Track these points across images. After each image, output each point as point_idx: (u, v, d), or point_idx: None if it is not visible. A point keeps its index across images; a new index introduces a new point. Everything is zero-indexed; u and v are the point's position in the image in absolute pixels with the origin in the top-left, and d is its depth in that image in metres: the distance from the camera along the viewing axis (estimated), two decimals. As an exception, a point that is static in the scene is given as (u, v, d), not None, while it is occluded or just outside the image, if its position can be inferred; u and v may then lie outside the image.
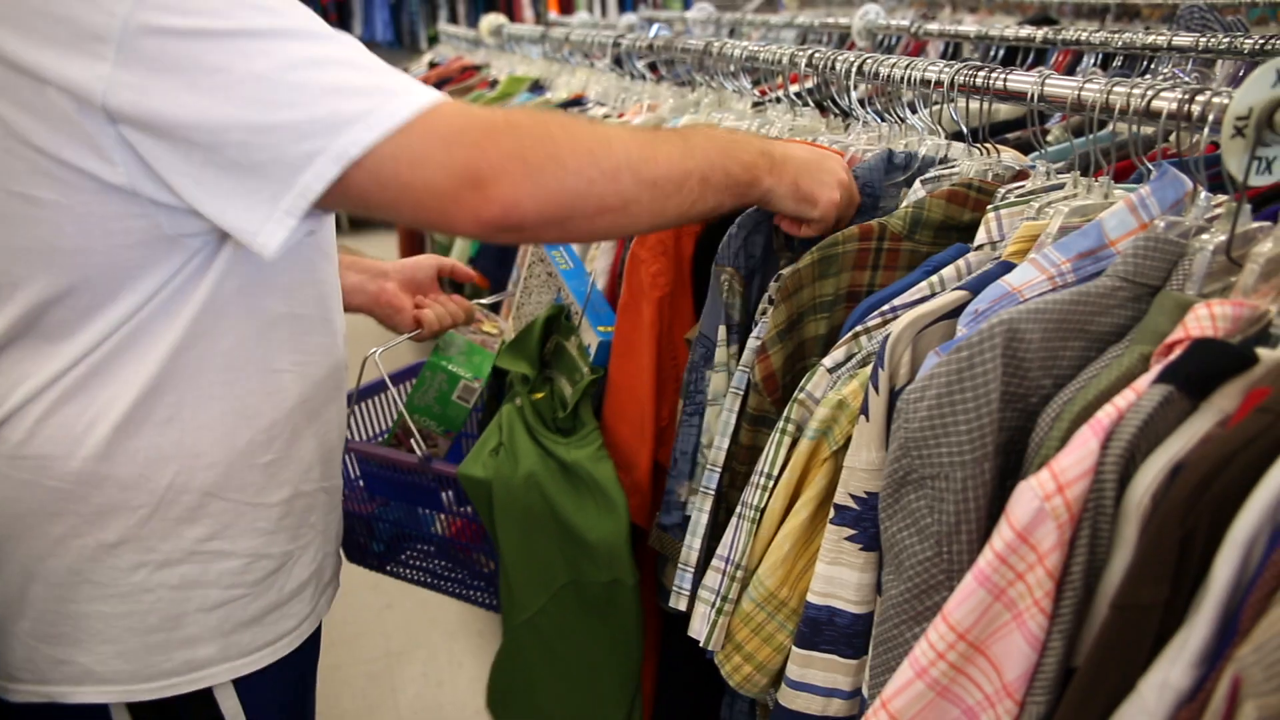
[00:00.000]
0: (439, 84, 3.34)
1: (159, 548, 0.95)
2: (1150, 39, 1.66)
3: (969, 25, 3.96)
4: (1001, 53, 2.01)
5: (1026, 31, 1.89)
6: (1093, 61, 1.83)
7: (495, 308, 1.43)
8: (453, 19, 6.71)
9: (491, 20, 3.38)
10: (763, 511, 0.97)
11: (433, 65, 4.14)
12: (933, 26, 2.19)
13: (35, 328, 0.88)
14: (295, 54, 0.80)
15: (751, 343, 1.02)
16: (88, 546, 0.93)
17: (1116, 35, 1.72)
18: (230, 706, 1.04)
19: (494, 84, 2.92)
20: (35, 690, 0.97)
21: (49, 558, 0.93)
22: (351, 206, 0.86)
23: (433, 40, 6.42)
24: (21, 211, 0.83)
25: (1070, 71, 1.95)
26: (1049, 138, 1.43)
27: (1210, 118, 0.81)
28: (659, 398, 1.23)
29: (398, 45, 6.69)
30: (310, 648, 1.13)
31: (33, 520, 0.92)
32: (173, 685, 0.99)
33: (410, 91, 0.82)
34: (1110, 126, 1.15)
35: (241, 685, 1.04)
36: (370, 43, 6.58)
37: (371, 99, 0.80)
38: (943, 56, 2.31)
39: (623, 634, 1.28)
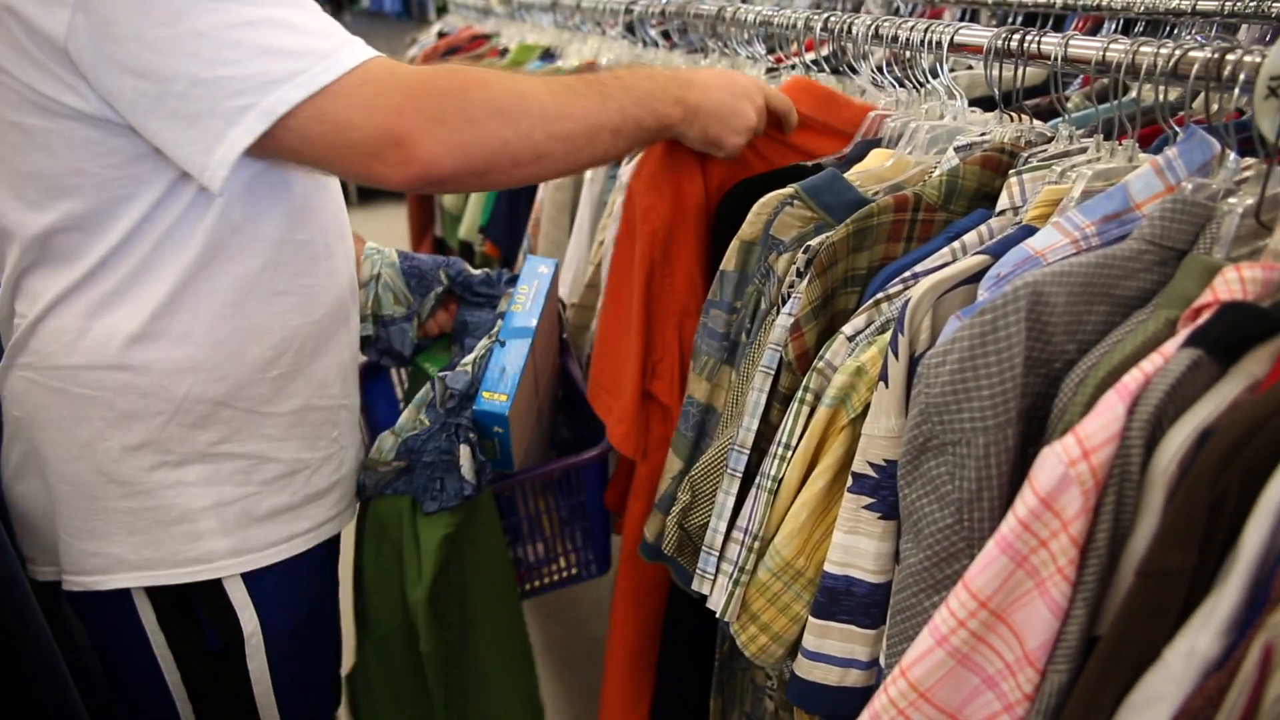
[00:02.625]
0: (448, 53, 3.31)
1: (176, 449, 1.05)
2: (1174, 3, 1.63)
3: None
4: (1019, 19, 1.98)
5: (1046, -3, 1.85)
6: (1114, 28, 1.79)
7: (514, 280, 1.42)
8: (462, -11, 6.66)
9: (501, -12, 3.35)
10: (780, 481, 0.96)
11: (441, 35, 4.11)
12: (949, -8, 2.15)
13: (50, 249, 0.98)
14: (237, 14, 0.88)
15: (783, 319, 1.00)
16: (113, 449, 1.03)
17: (1139, 0, 1.68)
18: (239, 598, 1.12)
19: (504, 52, 2.89)
20: (74, 580, 1.08)
21: (78, 460, 1.03)
22: (285, 158, 0.96)
23: (441, 10, 6.37)
24: (20, 140, 0.93)
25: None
26: (1068, 104, 1.40)
27: (1242, 77, 0.79)
28: (647, 330, 1.22)
29: (406, 16, 6.64)
30: (325, 554, 1.21)
31: (62, 425, 1.03)
32: (190, 573, 1.08)
33: (340, 54, 0.91)
34: (1134, 92, 1.13)
35: (250, 579, 1.12)
36: (378, 14, 6.54)
37: (302, 60, 0.89)
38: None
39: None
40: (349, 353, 1.19)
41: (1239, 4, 1.54)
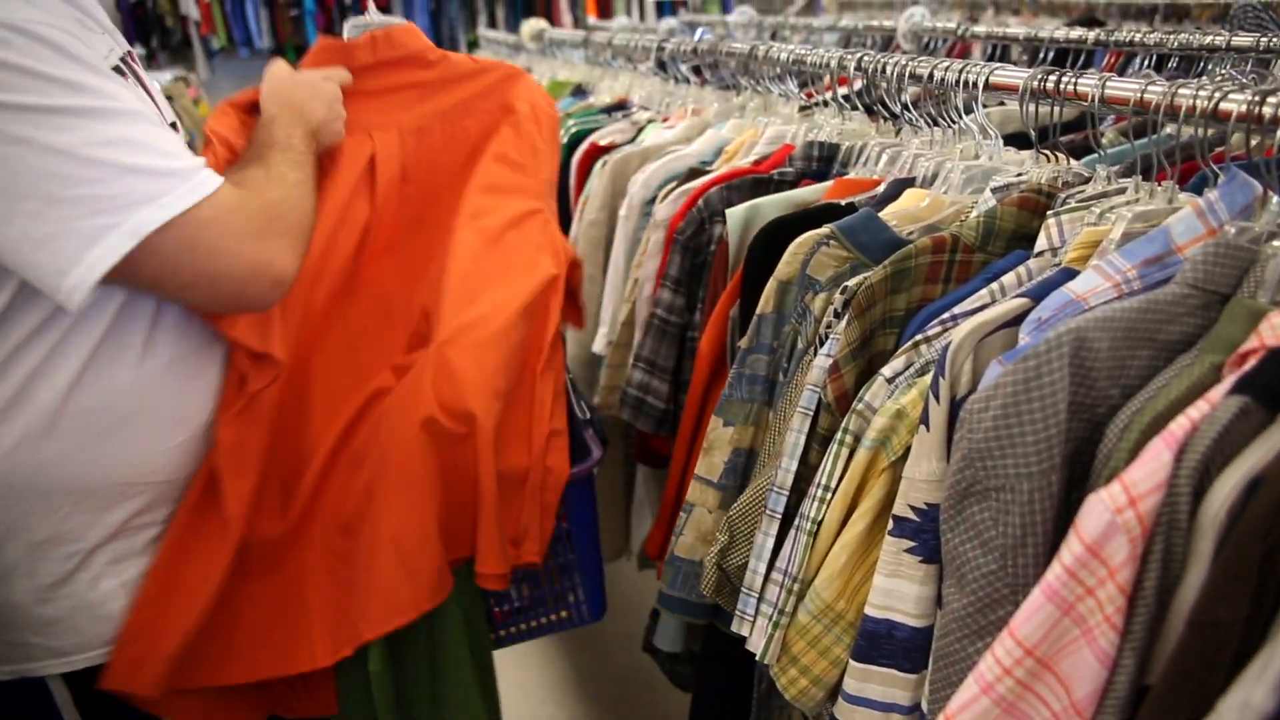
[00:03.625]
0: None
1: (88, 535, 1.03)
2: (1207, 40, 1.63)
3: (1014, 27, 3.92)
4: (1051, 55, 1.98)
5: (1078, 33, 1.86)
6: (1146, 63, 1.79)
7: None
8: (491, 24, 6.74)
9: (533, 25, 3.38)
10: (820, 523, 0.96)
11: (473, 71, 4.16)
12: (980, 29, 2.16)
13: None
14: (94, 133, 0.86)
15: (821, 361, 1.00)
16: (18, 549, 1.01)
17: (1171, 36, 1.68)
18: None
19: (536, 89, 2.92)
20: (3, 670, 1.05)
21: None
22: (142, 285, 0.94)
23: (472, 45, 6.45)
24: None
25: (1120, 73, 1.91)
26: (1103, 140, 1.40)
27: (1284, 120, 0.79)
28: None
29: (437, 50, 6.73)
30: None
31: None
32: (104, 655, 1.07)
33: (199, 176, 0.92)
34: (1167, 129, 1.13)
35: None
36: (410, 48, 6.62)
37: (166, 181, 0.89)
38: (988, 59, 2.28)
39: None
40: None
41: (1274, 40, 1.54)
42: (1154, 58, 1.78)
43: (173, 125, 1.07)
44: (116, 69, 0.97)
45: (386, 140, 1.31)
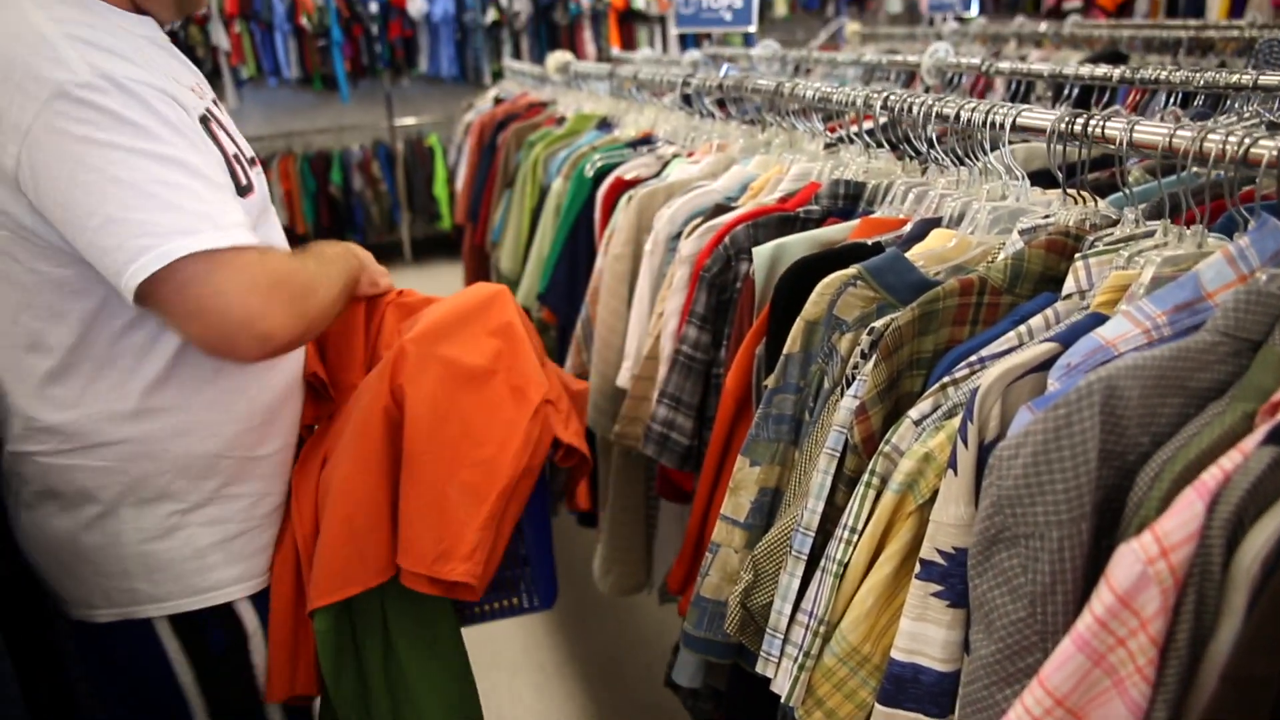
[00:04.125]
0: (506, 120, 3.38)
1: (188, 497, 1.25)
2: (1234, 78, 1.63)
3: (1035, 59, 3.93)
4: (1076, 91, 1.99)
5: (1103, 70, 1.86)
6: (1172, 100, 1.79)
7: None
8: (516, 54, 6.81)
9: (558, 58, 3.42)
10: (846, 565, 0.96)
11: (498, 100, 4.20)
12: (1004, 65, 2.17)
13: (58, 364, 1.17)
14: (154, 173, 1.05)
15: (848, 402, 1.00)
16: (131, 505, 1.22)
17: (1198, 74, 1.68)
18: (250, 619, 1.32)
19: (561, 120, 2.95)
20: (108, 613, 1.26)
21: (109, 514, 1.22)
22: (154, 308, 1.09)
23: (496, 75, 6.52)
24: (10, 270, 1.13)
25: (1143, 108, 1.91)
26: (1129, 178, 1.40)
27: (1315, 168, 0.79)
28: None
29: (462, 80, 6.80)
30: None
31: (87, 492, 1.21)
32: (202, 600, 1.28)
33: (232, 230, 1.08)
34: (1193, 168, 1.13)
35: (258, 600, 1.33)
36: (435, 78, 6.71)
37: (197, 221, 1.06)
38: (1012, 95, 2.28)
39: None
40: (299, 402, 1.41)
41: (1302, 80, 1.53)
42: (1180, 94, 1.78)
43: (251, 159, 1.29)
44: (203, 118, 1.18)
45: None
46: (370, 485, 1.29)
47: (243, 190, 1.20)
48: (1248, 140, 0.88)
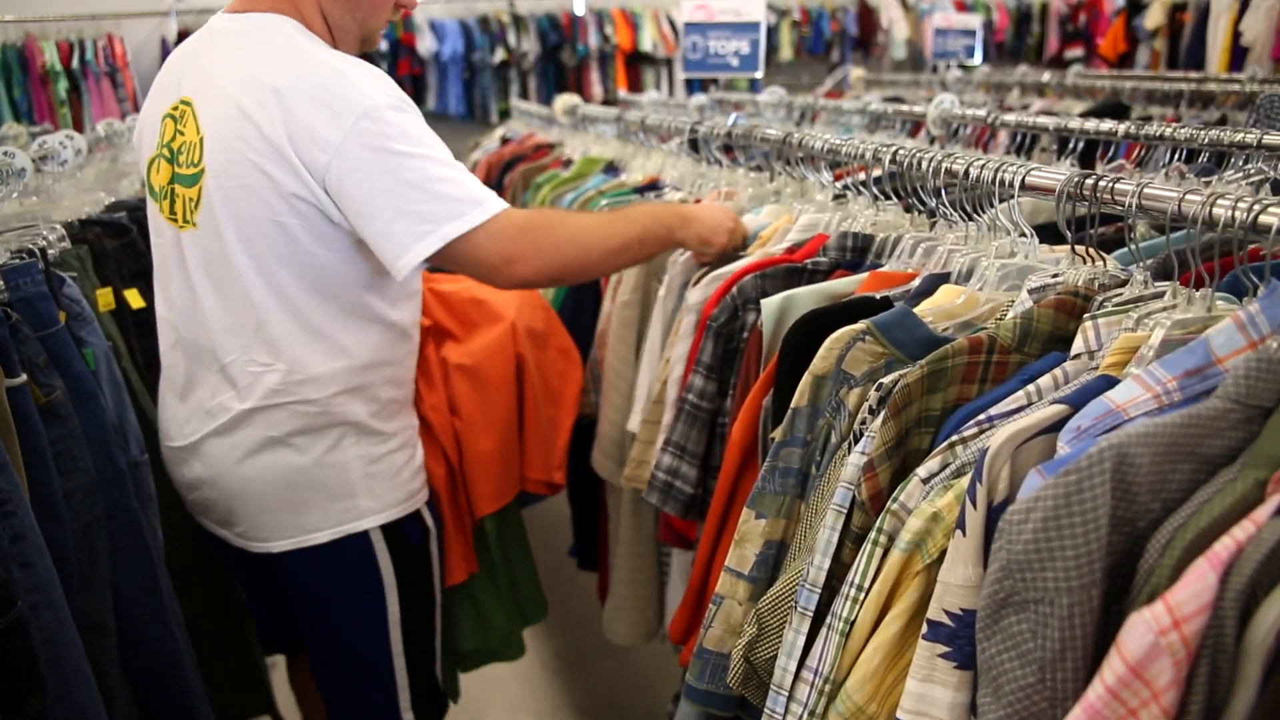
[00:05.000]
0: (513, 160, 3.40)
1: (390, 423, 1.63)
2: (1239, 136, 1.64)
3: (1038, 108, 3.96)
4: (1081, 145, 2.00)
5: (1108, 125, 1.87)
6: (1177, 156, 1.81)
7: None
8: (524, 94, 6.88)
9: (566, 100, 3.45)
10: (852, 623, 0.95)
11: (505, 140, 4.23)
12: (1009, 118, 2.18)
13: (300, 322, 1.49)
14: (431, 172, 1.38)
15: (856, 459, 1.00)
16: (354, 437, 1.57)
17: (1203, 131, 1.70)
18: (429, 519, 1.73)
19: (568, 163, 2.97)
20: (334, 531, 1.59)
21: (340, 444, 1.57)
22: (444, 264, 1.45)
23: (503, 114, 6.58)
24: (279, 233, 1.42)
25: (1146, 160, 1.92)
26: (1137, 230, 1.41)
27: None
28: None
29: (469, 118, 6.87)
30: None
31: (315, 433, 1.55)
32: (406, 507, 1.66)
33: (487, 204, 1.40)
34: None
35: (429, 505, 1.74)
36: (443, 115, 6.77)
37: (464, 206, 1.39)
38: (1018, 146, 2.30)
39: None
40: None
41: (1307, 140, 1.55)
42: (1185, 151, 1.80)
43: None
44: None
45: None
46: (510, 426, 1.85)
47: None
48: (1256, 208, 0.88)
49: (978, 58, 5.01)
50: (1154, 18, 6.66)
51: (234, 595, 2.03)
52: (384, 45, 6.54)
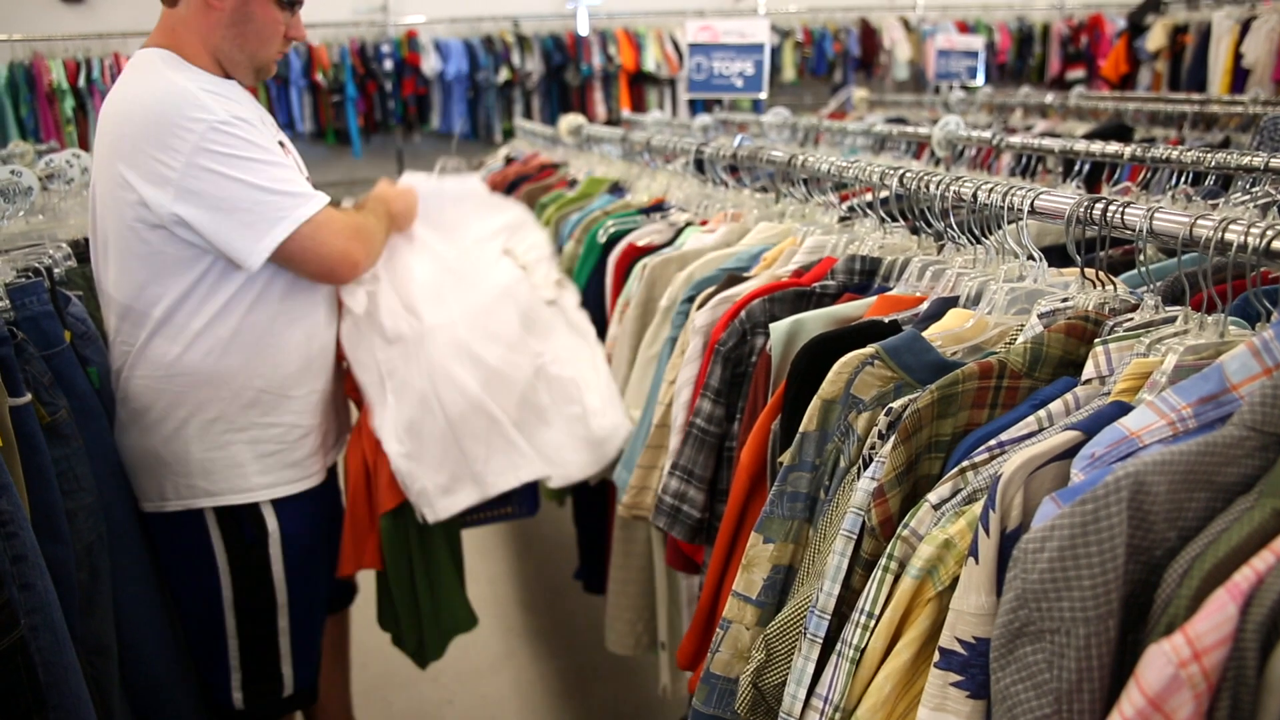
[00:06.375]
0: (517, 180, 3.41)
1: (237, 421, 1.77)
2: (1245, 160, 1.64)
3: (1041, 129, 3.97)
4: (1087, 167, 2.00)
5: (1115, 148, 1.87)
6: (1183, 178, 1.80)
7: None
8: (527, 113, 6.90)
9: (571, 120, 3.46)
10: (863, 651, 0.94)
11: (509, 160, 4.24)
12: (1015, 140, 2.18)
13: (151, 312, 1.69)
14: (269, 174, 1.64)
15: (866, 484, 0.99)
16: (198, 421, 1.74)
17: (1210, 155, 1.69)
18: (271, 520, 1.83)
19: (573, 183, 2.98)
20: (174, 504, 1.77)
21: (183, 427, 1.74)
22: (281, 262, 1.70)
23: (507, 133, 6.60)
24: (140, 247, 1.64)
25: (1151, 181, 1.92)
26: (1147, 253, 1.40)
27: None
28: None
29: (473, 137, 6.89)
30: (323, 490, 1.95)
31: (167, 410, 1.73)
32: (242, 498, 1.80)
33: (314, 199, 1.70)
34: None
35: (280, 505, 1.84)
36: (446, 135, 6.79)
37: (297, 200, 1.67)
38: (1024, 168, 2.30)
39: None
40: (335, 364, 1.94)
41: (1315, 164, 1.54)
42: (1191, 174, 1.79)
43: (306, 176, 1.81)
44: (280, 143, 1.77)
45: None
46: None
47: None
48: (1270, 233, 0.88)
49: (980, 79, 5.02)
50: (1156, 40, 6.69)
51: None
52: (389, 65, 6.57)
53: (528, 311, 2.04)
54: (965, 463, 0.95)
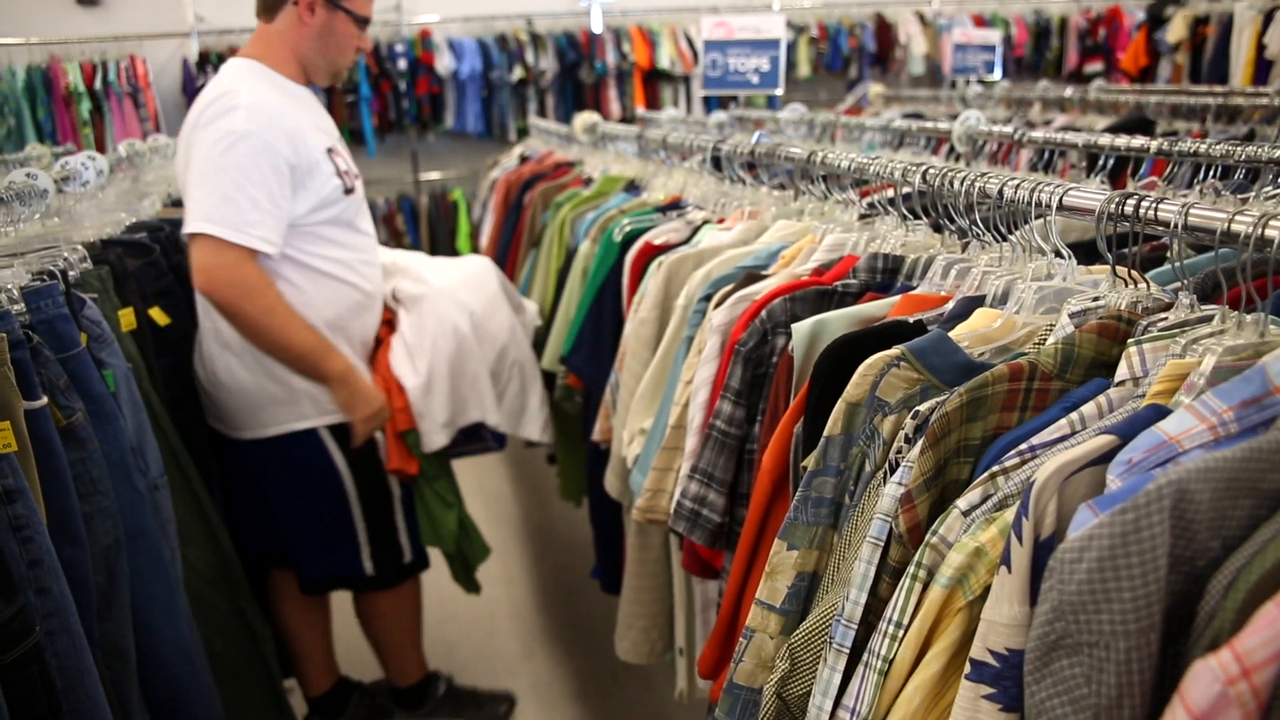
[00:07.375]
0: (532, 179, 3.39)
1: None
2: (1277, 153, 1.60)
3: (1060, 123, 3.92)
4: (1111, 162, 1.97)
5: (1140, 142, 1.84)
6: (1211, 172, 1.77)
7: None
8: (541, 112, 6.88)
9: (586, 118, 3.44)
10: (891, 662, 0.92)
11: (524, 158, 4.22)
12: (1037, 134, 2.15)
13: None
14: (250, 191, 1.95)
15: (893, 489, 0.97)
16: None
17: (1239, 148, 1.66)
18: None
19: (588, 181, 2.96)
20: (295, 426, 2.21)
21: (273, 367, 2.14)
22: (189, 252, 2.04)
23: (522, 132, 6.58)
24: None
25: (1174, 175, 1.88)
26: (1174, 251, 1.37)
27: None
28: None
29: (488, 136, 6.87)
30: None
31: (258, 357, 2.14)
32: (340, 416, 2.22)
33: (249, 230, 1.96)
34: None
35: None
36: (460, 134, 6.78)
37: (242, 225, 1.96)
38: (1045, 163, 2.27)
39: None
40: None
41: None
42: (1220, 168, 1.76)
43: (356, 174, 2.24)
44: (328, 149, 2.12)
45: None
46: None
47: (347, 191, 2.14)
48: (1312, 229, 0.85)
49: (997, 73, 4.97)
50: (1176, 31, 6.61)
51: (251, 619, 2.02)
52: (403, 65, 6.56)
53: (505, 284, 2.56)
54: (995, 467, 0.92)
